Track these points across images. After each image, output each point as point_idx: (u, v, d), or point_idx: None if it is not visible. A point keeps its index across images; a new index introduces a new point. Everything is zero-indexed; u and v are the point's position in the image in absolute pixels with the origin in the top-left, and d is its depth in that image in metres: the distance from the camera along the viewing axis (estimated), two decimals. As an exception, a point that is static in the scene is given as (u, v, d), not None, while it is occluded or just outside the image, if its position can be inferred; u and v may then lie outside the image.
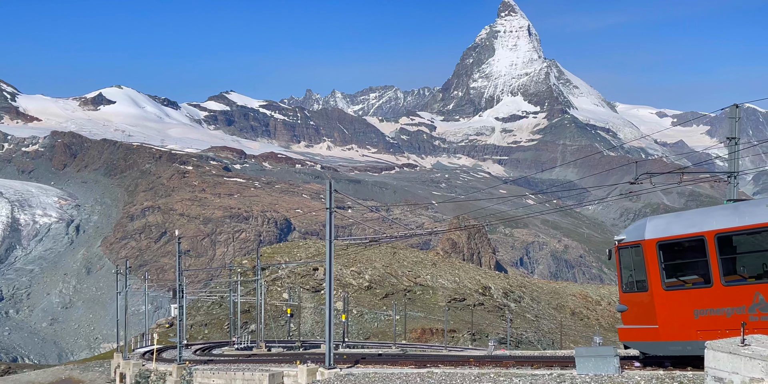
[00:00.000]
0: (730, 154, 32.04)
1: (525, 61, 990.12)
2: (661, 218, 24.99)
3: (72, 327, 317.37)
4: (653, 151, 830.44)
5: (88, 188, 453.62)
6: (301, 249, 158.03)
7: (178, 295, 55.47)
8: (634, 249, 24.69)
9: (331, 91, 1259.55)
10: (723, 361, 16.26)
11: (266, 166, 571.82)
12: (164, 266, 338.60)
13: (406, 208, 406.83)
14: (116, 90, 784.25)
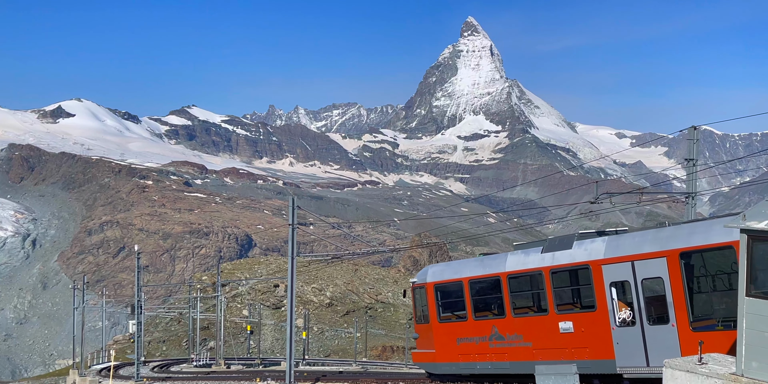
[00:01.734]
0: (687, 175, 32.66)
1: (487, 81, 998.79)
2: (438, 266, 32.91)
3: (27, 343, 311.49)
4: (612, 171, 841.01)
5: (46, 202, 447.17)
6: (262, 265, 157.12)
7: (136, 311, 54.87)
8: (421, 289, 31.79)
9: (294, 107, 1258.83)
10: (681, 379, 16.51)
11: (228, 181, 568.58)
12: (122, 282, 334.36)
13: (368, 225, 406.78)
14: (76, 103, 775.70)
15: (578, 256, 25.38)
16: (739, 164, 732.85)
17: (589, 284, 24.96)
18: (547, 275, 26.36)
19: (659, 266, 22.94)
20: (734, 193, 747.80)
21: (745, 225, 15.45)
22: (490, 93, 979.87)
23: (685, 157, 33.11)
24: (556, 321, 25.98)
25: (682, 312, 22.35)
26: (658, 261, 22.90)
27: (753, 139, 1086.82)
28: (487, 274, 28.91)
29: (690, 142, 32.79)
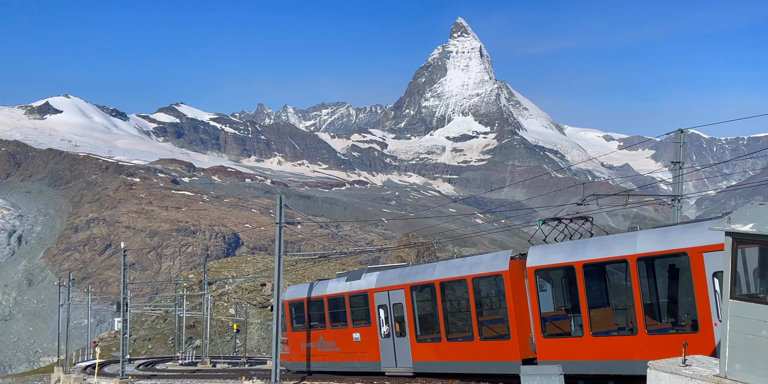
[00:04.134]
0: (674, 178, 32.85)
1: (476, 82, 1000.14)
2: (294, 287, 41.96)
3: (11, 340, 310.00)
4: (600, 173, 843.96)
5: (32, 198, 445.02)
6: (249, 264, 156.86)
7: (122, 308, 54.72)
8: (285, 305, 40.74)
9: (283, 106, 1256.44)
10: (665, 380, 16.63)
11: (215, 179, 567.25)
12: (108, 279, 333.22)
13: (356, 225, 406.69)
14: (64, 99, 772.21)
15: (363, 285, 34.31)
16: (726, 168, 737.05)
17: (366, 306, 33.67)
18: (347, 298, 35.34)
19: (401, 295, 31.67)
20: (720, 196, 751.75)
21: (730, 228, 15.58)
22: (479, 94, 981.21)
23: (672, 160, 33.29)
24: (351, 332, 34.93)
25: (412, 328, 31.03)
26: (400, 291, 31.73)
27: (740, 142, 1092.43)
28: (317, 296, 38.02)
29: (677, 146, 32.96)
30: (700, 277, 20.79)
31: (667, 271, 22.30)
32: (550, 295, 25.30)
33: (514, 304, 26.06)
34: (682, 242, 21.31)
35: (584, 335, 23.53)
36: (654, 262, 22.25)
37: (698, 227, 21.27)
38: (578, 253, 24.02)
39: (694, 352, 19.68)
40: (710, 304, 20.51)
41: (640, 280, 22.19)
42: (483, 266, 27.84)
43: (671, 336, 21.41)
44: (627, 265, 22.48)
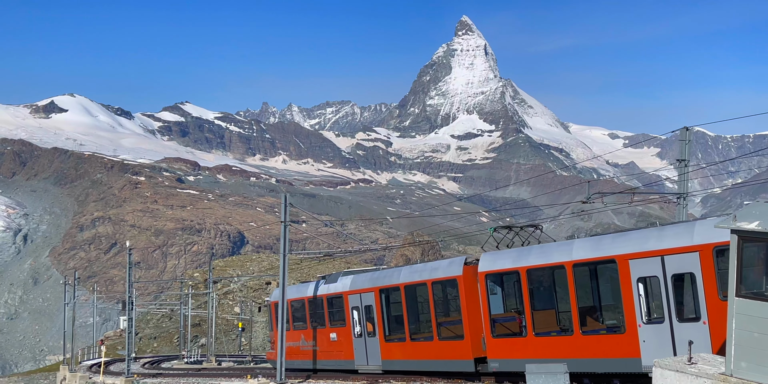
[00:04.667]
0: (679, 176, 32.76)
1: (481, 80, 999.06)
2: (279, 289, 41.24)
3: (17, 338, 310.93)
4: (605, 171, 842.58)
5: (38, 197, 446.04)
6: (254, 262, 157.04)
7: (127, 307, 54.81)
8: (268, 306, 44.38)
9: (287, 105, 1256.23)
10: (670, 379, 16.61)
11: (220, 178, 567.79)
12: (114, 278, 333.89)
13: (361, 224, 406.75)
14: (69, 98, 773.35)
15: (339, 287, 36.41)
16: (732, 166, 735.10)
17: (342, 308, 35.86)
18: (325, 300, 37.45)
19: (372, 297, 33.62)
20: (726, 194, 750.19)
21: (735, 226, 15.56)
22: (484, 92, 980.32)
23: (678, 158, 33.20)
24: (329, 332, 37.21)
25: (381, 329, 33.24)
26: (371, 294, 33.62)
27: (745, 140, 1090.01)
28: (299, 297, 40.22)
29: (682, 143, 32.87)
30: (627, 282, 22.51)
31: (598, 277, 23.95)
32: (500, 298, 27.20)
33: (467, 307, 28.28)
34: (611, 250, 23.14)
35: (528, 335, 25.62)
36: (587, 268, 23.96)
37: (626, 236, 23.23)
38: (523, 259, 26.12)
39: (619, 351, 22.68)
40: (635, 307, 22.28)
41: (576, 285, 23.99)
42: (441, 271, 29.96)
43: (602, 336, 23.32)
44: (564, 271, 24.27)
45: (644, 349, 22.09)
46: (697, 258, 20.76)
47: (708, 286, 20.62)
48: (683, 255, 21.15)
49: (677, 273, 21.38)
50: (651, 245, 22.09)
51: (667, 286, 21.54)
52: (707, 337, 20.60)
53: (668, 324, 21.59)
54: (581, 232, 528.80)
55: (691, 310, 21.06)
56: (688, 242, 21.17)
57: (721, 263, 20.34)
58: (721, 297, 20.12)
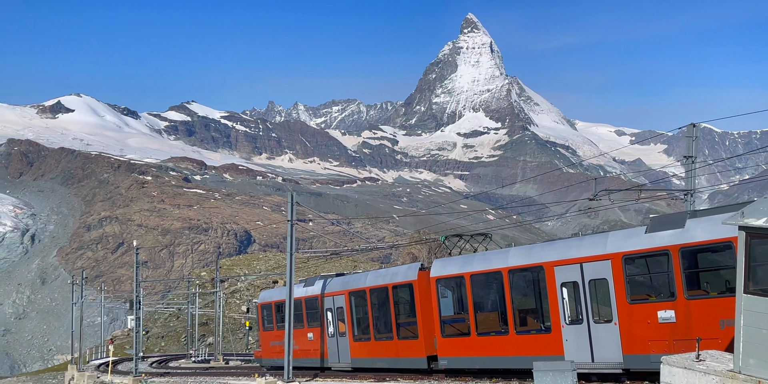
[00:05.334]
0: (686, 173, 32.67)
1: (487, 78, 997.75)
2: (267, 291, 48.37)
3: (25, 338, 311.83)
4: (611, 168, 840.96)
5: (45, 197, 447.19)
6: (261, 261, 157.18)
7: (135, 306, 54.88)
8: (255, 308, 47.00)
9: (293, 104, 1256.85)
10: (678, 376, 16.57)
11: (227, 177, 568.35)
12: (121, 277, 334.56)
13: (367, 222, 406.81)
14: (75, 98, 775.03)
15: (315, 290, 38.88)
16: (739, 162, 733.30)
17: (317, 309, 38.37)
18: (303, 302, 39.62)
19: (342, 300, 36.01)
20: (733, 190, 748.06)
21: (743, 222, 15.48)
22: (490, 90, 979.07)
23: (684, 155, 33.11)
24: (306, 332, 39.49)
25: (350, 329, 35.54)
26: (342, 296, 36.03)
27: (752, 136, 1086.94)
28: (281, 300, 42.08)
29: (689, 140, 32.79)
30: (552, 287, 24.78)
31: (529, 282, 26.19)
32: (450, 301, 29.54)
33: (421, 309, 30.79)
34: (539, 258, 25.54)
35: (471, 335, 28.09)
36: (521, 274, 26.37)
37: (553, 245, 25.65)
38: (468, 265, 28.59)
39: (546, 349, 25.02)
40: (559, 310, 24.56)
41: (511, 289, 26.45)
42: (400, 276, 32.47)
43: (532, 336, 25.67)
44: (501, 276, 26.78)
45: (567, 347, 24.40)
46: (609, 265, 22.95)
47: (618, 291, 22.76)
48: (598, 262, 23.37)
49: (593, 279, 23.55)
50: (572, 253, 24.38)
51: (585, 291, 23.78)
52: (617, 337, 22.76)
53: (586, 325, 23.76)
54: (588, 229, 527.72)
55: (605, 312, 23.26)
56: (601, 251, 23.40)
57: (629, 270, 22.59)
58: (629, 301, 22.45)
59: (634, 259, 22.61)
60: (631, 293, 22.52)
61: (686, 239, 21.14)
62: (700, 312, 20.66)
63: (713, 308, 20.37)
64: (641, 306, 22.26)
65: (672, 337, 21.45)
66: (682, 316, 21.08)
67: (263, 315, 46.02)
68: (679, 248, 21.18)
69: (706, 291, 21.02)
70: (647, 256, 22.27)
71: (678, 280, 21.20)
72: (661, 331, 21.68)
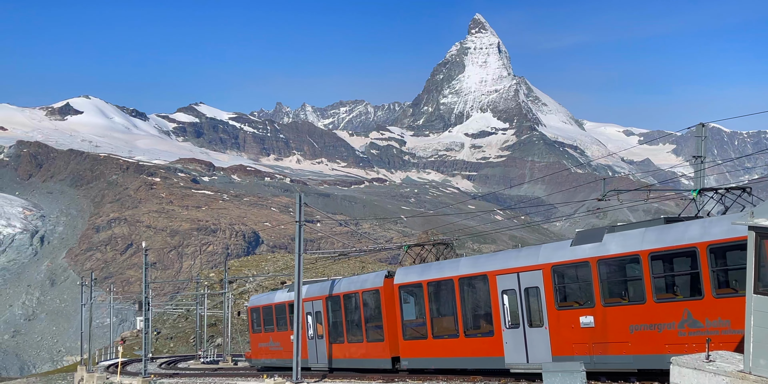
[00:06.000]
0: (695, 173, 32.57)
1: (495, 78, 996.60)
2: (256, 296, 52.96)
3: (35, 339, 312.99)
4: (620, 168, 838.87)
5: (54, 199, 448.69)
6: (269, 262, 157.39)
7: (144, 307, 55.03)
8: (248, 310, 49.83)
9: (301, 105, 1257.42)
10: (688, 376, 16.51)
11: (235, 178, 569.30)
12: (130, 278, 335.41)
13: (375, 223, 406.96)
14: (84, 100, 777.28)
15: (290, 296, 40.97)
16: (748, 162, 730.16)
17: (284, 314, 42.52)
18: (286, 306, 42.71)
19: (320, 305, 38.92)
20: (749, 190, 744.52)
21: (753, 222, 15.42)
22: (498, 90, 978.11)
23: (693, 155, 33.02)
24: (290, 335, 39.95)
25: (327, 332, 38.14)
26: (320, 301, 38.80)
27: (762, 136, 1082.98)
28: (268, 304, 46.00)
29: (698, 140, 32.69)
30: (495, 294, 27.13)
31: (476, 289, 28.45)
32: (411, 306, 31.79)
33: (386, 314, 33.17)
34: (484, 267, 27.96)
35: (428, 338, 30.57)
36: (469, 282, 28.69)
37: (497, 256, 28.38)
38: (426, 273, 31.10)
39: (490, 351, 27.42)
40: (500, 315, 26.94)
41: (461, 295, 28.83)
42: (369, 283, 34.91)
43: (479, 338, 28.06)
44: (453, 284, 29.15)
45: (507, 349, 26.82)
46: (541, 275, 25.38)
47: (548, 298, 25.16)
48: (531, 272, 25.84)
49: (528, 287, 26.00)
50: (511, 264, 26.85)
51: (521, 298, 26.24)
52: (548, 340, 25.21)
53: (522, 329, 26.25)
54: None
55: (537, 317, 25.64)
56: (534, 262, 25.83)
57: (557, 279, 24.95)
58: (557, 307, 24.84)
59: (561, 269, 24.93)
60: (558, 300, 24.93)
61: (603, 252, 23.41)
62: (614, 318, 22.95)
63: (625, 314, 22.67)
64: (567, 312, 24.61)
65: (591, 340, 23.77)
66: (600, 321, 23.40)
67: (253, 318, 48.84)
68: (597, 260, 23.45)
69: (619, 299, 23.08)
70: (572, 266, 24.55)
71: (596, 288, 23.50)
72: (583, 335, 24.00)
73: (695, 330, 20.57)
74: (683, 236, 21.28)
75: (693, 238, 20.87)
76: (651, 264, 21.82)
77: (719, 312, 20.03)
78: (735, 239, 19.52)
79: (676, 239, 21.38)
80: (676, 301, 21.25)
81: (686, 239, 21.09)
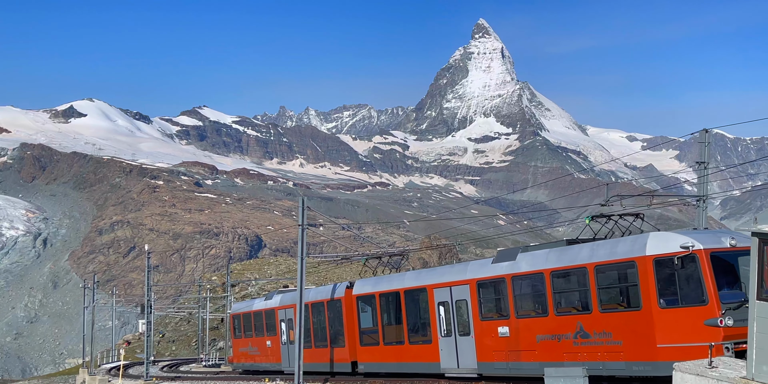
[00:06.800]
0: (699, 179, 32.57)
1: (498, 83, 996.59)
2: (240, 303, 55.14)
3: (37, 342, 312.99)
4: (623, 174, 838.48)
5: (57, 201, 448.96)
6: (272, 266, 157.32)
7: (146, 310, 55.02)
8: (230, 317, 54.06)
9: (304, 109, 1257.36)
10: (690, 382, 16.49)
11: (238, 182, 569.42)
12: (132, 281, 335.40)
13: (378, 227, 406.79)
14: (88, 103, 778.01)
15: (272, 304, 44.72)
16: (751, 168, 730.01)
17: (274, 320, 44.19)
18: (263, 314, 45.78)
19: (291, 312, 41.13)
20: (746, 196, 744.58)
21: (756, 228, 15.42)
22: (501, 95, 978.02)
23: (697, 161, 33.01)
24: (266, 340, 45.19)
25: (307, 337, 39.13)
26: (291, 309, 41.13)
27: (765, 142, 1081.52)
28: (247, 311, 49.21)
29: (701, 146, 32.67)
30: (432, 305, 29.99)
31: (417, 301, 31.21)
32: (368, 315, 34.53)
33: (347, 321, 35.91)
34: (425, 281, 30.93)
35: (380, 344, 33.53)
36: (412, 294, 31.50)
37: (435, 271, 31.79)
38: (378, 285, 34.06)
39: (428, 357, 30.32)
40: (436, 324, 29.83)
41: (406, 306, 31.69)
42: (333, 293, 37.72)
43: (419, 346, 30.86)
44: (399, 295, 32.12)
45: (442, 355, 29.72)
46: (468, 289, 28.30)
47: (474, 310, 28.07)
48: (461, 286, 28.71)
49: (458, 299, 28.89)
50: (446, 278, 29.76)
51: (453, 309, 29.12)
52: (474, 347, 28.07)
53: (454, 337, 29.09)
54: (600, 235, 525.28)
55: (465, 327, 28.50)
56: (463, 277, 28.76)
57: (481, 293, 27.90)
58: (481, 318, 27.77)
59: (484, 284, 27.89)
60: (482, 312, 27.87)
61: (516, 269, 26.42)
62: (525, 329, 25.88)
63: (533, 326, 25.56)
64: (488, 323, 27.55)
65: (507, 348, 26.66)
66: (514, 331, 26.36)
67: (234, 325, 52.25)
68: (511, 277, 26.47)
69: (529, 312, 25.98)
70: (492, 282, 27.48)
71: (511, 302, 26.49)
72: (501, 344, 26.95)
73: (585, 341, 23.58)
74: (576, 257, 24.15)
75: (583, 259, 23.80)
76: (552, 281, 24.74)
77: (604, 325, 22.94)
78: (616, 261, 22.74)
79: (571, 260, 24.26)
80: (571, 315, 24.15)
81: (578, 260, 23.99)
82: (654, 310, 21.41)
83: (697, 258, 20.92)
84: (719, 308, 20.12)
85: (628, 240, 23.21)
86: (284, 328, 42.72)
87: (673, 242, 21.63)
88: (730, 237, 21.65)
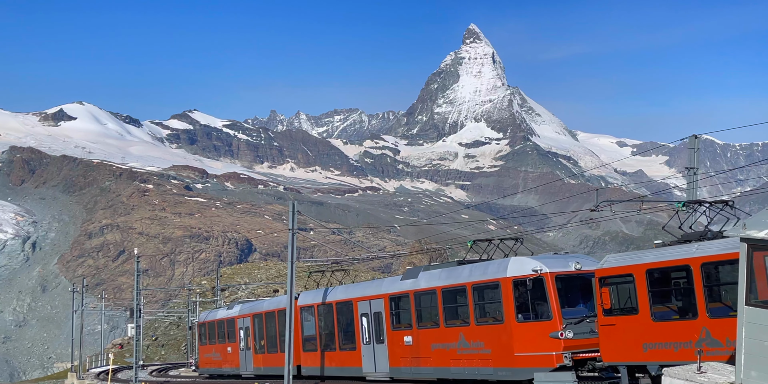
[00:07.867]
0: (688, 184, 32.68)
1: (489, 88, 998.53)
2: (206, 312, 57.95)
3: (25, 346, 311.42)
4: (613, 179, 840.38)
5: (46, 205, 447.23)
6: (262, 270, 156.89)
7: (135, 314, 54.92)
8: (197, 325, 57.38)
9: (295, 113, 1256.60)
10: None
11: (228, 186, 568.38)
12: (122, 285, 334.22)
13: (369, 231, 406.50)
14: (77, 106, 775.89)
15: (233, 313, 48.01)
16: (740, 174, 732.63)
17: (234, 328, 47.15)
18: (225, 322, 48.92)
19: (249, 321, 44.81)
20: (735, 202, 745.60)
21: (745, 234, 15.47)
22: (492, 100, 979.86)
23: (686, 166, 33.13)
24: (227, 347, 48.49)
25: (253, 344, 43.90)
26: (248, 318, 44.77)
27: (754, 148, 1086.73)
28: (212, 320, 52.23)
29: (691, 151, 32.80)
30: (356, 316, 33.75)
31: (345, 312, 34.71)
32: (310, 324, 37.87)
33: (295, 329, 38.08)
34: (351, 294, 34.64)
35: (318, 351, 37.06)
36: (342, 305, 35.00)
37: (360, 285, 36.19)
38: (318, 297, 37.53)
39: (353, 362, 33.93)
40: (360, 333, 33.51)
41: (337, 317, 35.39)
42: (282, 303, 39.91)
43: (348, 352, 34.42)
44: (332, 307, 35.61)
45: (364, 361, 33.34)
46: (383, 302, 32.06)
47: (387, 321, 31.74)
48: (377, 300, 32.43)
49: (376, 311, 32.50)
50: (368, 292, 33.39)
51: (372, 320, 32.68)
52: (387, 354, 31.67)
53: (372, 345, 32.68)
54: (590, 240, 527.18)
55: (381, 336, 32.13)
56: (379, 292, 32.50)
57: (392, 306, 31.55)
58: (392, 328, 31.36)
59: (395, 298, 31.50)
60: (393, 323, 31.45)
61: (417, 286, 30.06)
62: (424, 338, 29.50)
63: (429, 335, 29.25)
64: (398, 332, 31.12)
65: (411, 355, 30.22)
66: (416, 340, 29.94)
67: (201, 332, 55.47)
68: (413, 292, 30.09)
69: (426, 323, 29.55)
70: (400, 297, 31.12)
71: (413, 315, 30.16)
72: (406, 351, 30.51)
73: (466, 349, 27.27)
74: (460, 277, 27.87)
75: (465, 279, 27.54)
76: (443, 297, 28.49)
77: (479, 336, 26.77)
78: (486, 281, 26.54)
79: (456, 279, 28.00)
80: (456, 327, 27.91)
81: (461, 279, 27.73)
82: (513, 324, 25.25)
83: (544, 280, 24.74)
84: (561, 323, 24.10)
85: (496, 263, 27.07)
86: (242, 335, 45.95)
87: (527, 266, 25.27)
88: (575, 261, 25.50)
